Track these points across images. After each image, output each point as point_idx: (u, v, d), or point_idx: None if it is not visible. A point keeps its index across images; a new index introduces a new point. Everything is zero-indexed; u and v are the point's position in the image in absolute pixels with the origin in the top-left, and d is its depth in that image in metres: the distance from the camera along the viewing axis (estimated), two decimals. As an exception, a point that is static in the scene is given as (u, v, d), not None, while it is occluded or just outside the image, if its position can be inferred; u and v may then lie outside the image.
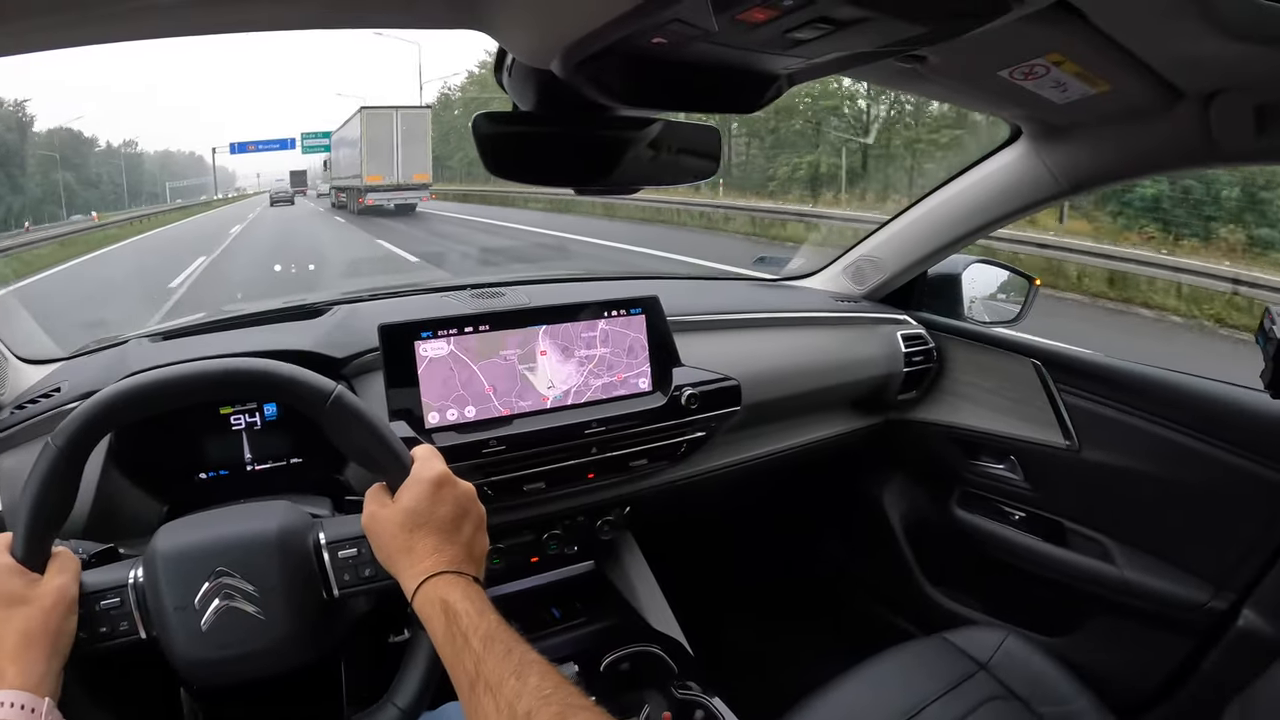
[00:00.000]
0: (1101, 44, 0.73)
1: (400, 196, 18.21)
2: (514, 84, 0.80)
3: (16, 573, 0.58)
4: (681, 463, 1.10)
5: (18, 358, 0.99)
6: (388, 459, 0.65)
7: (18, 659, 0.55)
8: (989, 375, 1.29)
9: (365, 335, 0.99)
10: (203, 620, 0.61)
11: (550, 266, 8.87)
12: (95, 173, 36.62)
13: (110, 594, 0.62)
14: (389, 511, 0.62)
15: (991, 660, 1.09)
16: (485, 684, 0.49)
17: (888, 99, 14.58)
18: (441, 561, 0.58)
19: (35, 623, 0.57)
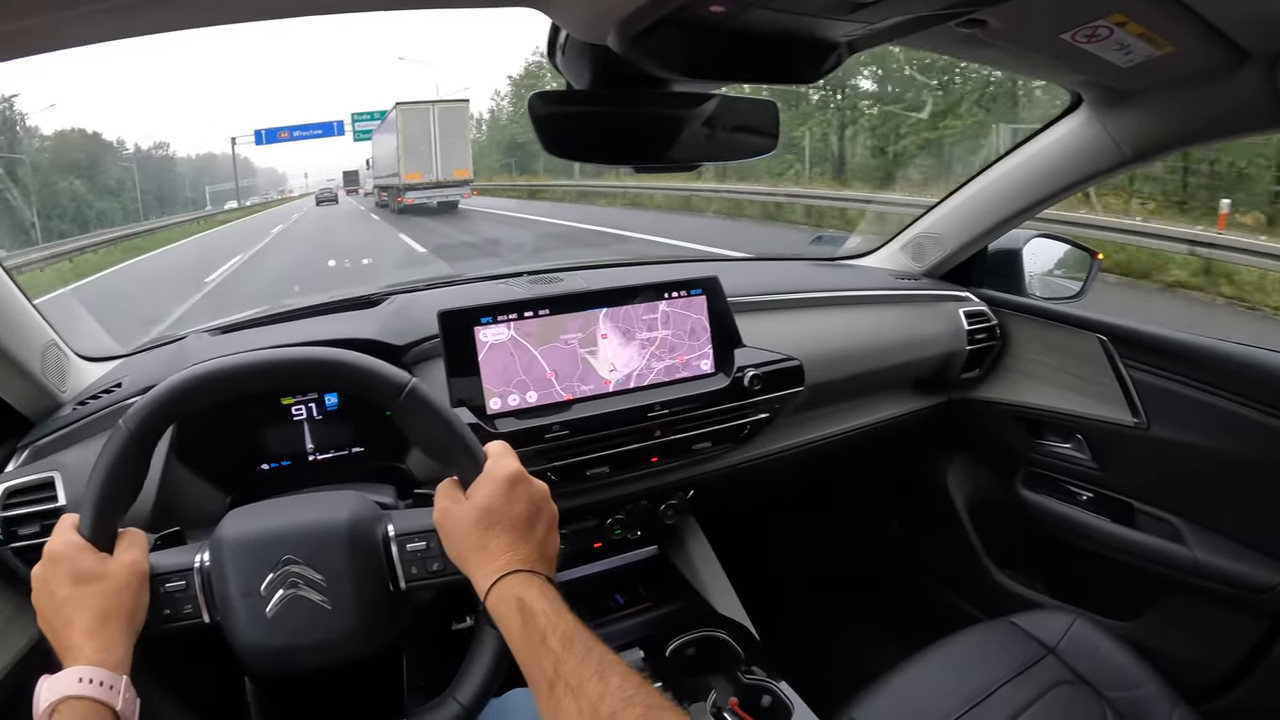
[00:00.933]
0: (1165, 2, 0.73)
1: (441, 194, 18.18)
2: (568, 62, 0.82)
3: (87, 550, 0.61)
4: (745, 445, 1.14)
5: (78, 355, 1.04)
6: (461, 454, 0.66)
7: (94, 635, 0.57)
8: (1053, 352, 1.30)
9: (424, 323, 1.02)
10: (268, 607, 0.63)
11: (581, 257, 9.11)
12: (114, 179, 35.52)
13: (175, 577, 0.64)
14: (463, 508, 0.63)
15: (1060, 644, 1.11)
16: (565, 685, 0.50)
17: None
18: (516, 560, 0.60)
19: (110, 599, 0.59)
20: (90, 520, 0.62)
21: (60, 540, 0.61)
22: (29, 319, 0.89)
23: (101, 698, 0.54)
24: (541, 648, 0.53)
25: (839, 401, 1.27)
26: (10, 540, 0.84)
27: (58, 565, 0.60)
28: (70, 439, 0.92)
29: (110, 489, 0.62)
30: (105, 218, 29.04)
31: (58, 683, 0.54)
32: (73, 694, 0.53)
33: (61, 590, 0.59)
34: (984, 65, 1.26)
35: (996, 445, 1.41)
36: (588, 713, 0.48)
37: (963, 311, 1.33)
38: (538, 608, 0.55)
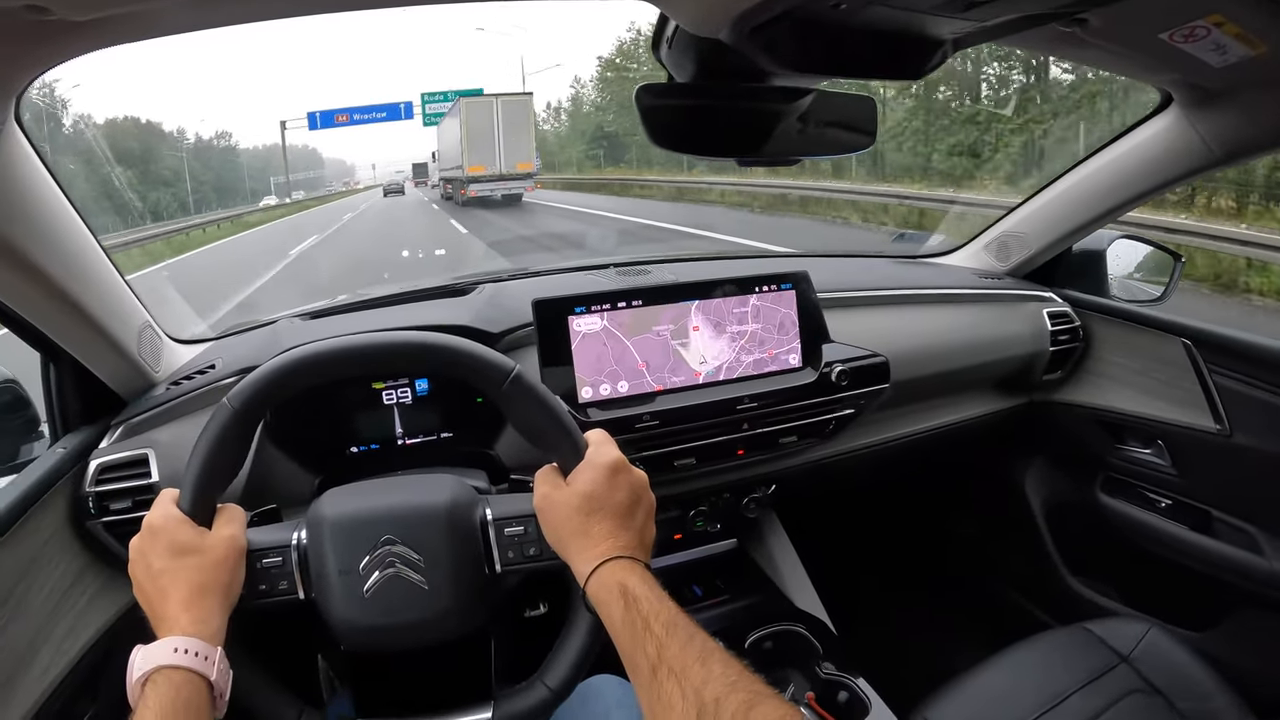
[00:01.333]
0: (1263, 3, 0.74)
1: (504, 187, 18.81)
2: (673, 56, 0.84)
3: (186, 523, 0.62)
4: (829, 440, 1.16)
5: (170, 338, 1.08)
6: (563, 441, 0.67)
7: (191, 607, 0.59)
8: (1136, 355, 1.31)
9: (517, 311, 1.05)
10: (366, 586, 0.65)
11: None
12: (170, 170, 35.09)
13: (272, 553, 0.66)
14: (564, 494, 0.64)
15: (1133, 653, 1.12)
16: (669, 669, 0.51)
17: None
18: (617, 546, 0.61)
19: (207, 573, 0.61)
20: (190, 495, 0.64)
21: (160, 513, 0.63)
22: (127, 300, 0.93)
23: (196, 668, 0.55)
24: (645, 633, 0.54)
25: (921, 400, 1.29)
26: (102, 515, 0.88)
27: (157, 537, 0.62)
28: (164, 417, 0.96)
29: (212, 465, 0.64)
30: (151, 211, 28.54)
31: (152, 652, 0.56)
32: (167, 663, 0.55)
33: (159, 562, 0.61)
34: (1077, 63, 1.26)
35: (1076, 449, 1.43)
36: (691, 697, 0.48)
37: (1046, 312, 1.34)
38: (640, 593, 0.56)
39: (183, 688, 0.54)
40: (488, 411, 1.02)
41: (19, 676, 0.74)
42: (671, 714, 0.49)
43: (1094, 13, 0.82)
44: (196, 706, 0.54)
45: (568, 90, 50.07)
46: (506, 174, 18.71)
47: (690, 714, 0.48)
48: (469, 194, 18.62)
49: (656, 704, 0.51)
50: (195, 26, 0.67)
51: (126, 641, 0.89)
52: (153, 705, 0.52)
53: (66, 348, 0.87)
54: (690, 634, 0.53)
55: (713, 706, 0.47)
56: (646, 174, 19.89)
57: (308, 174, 50.70)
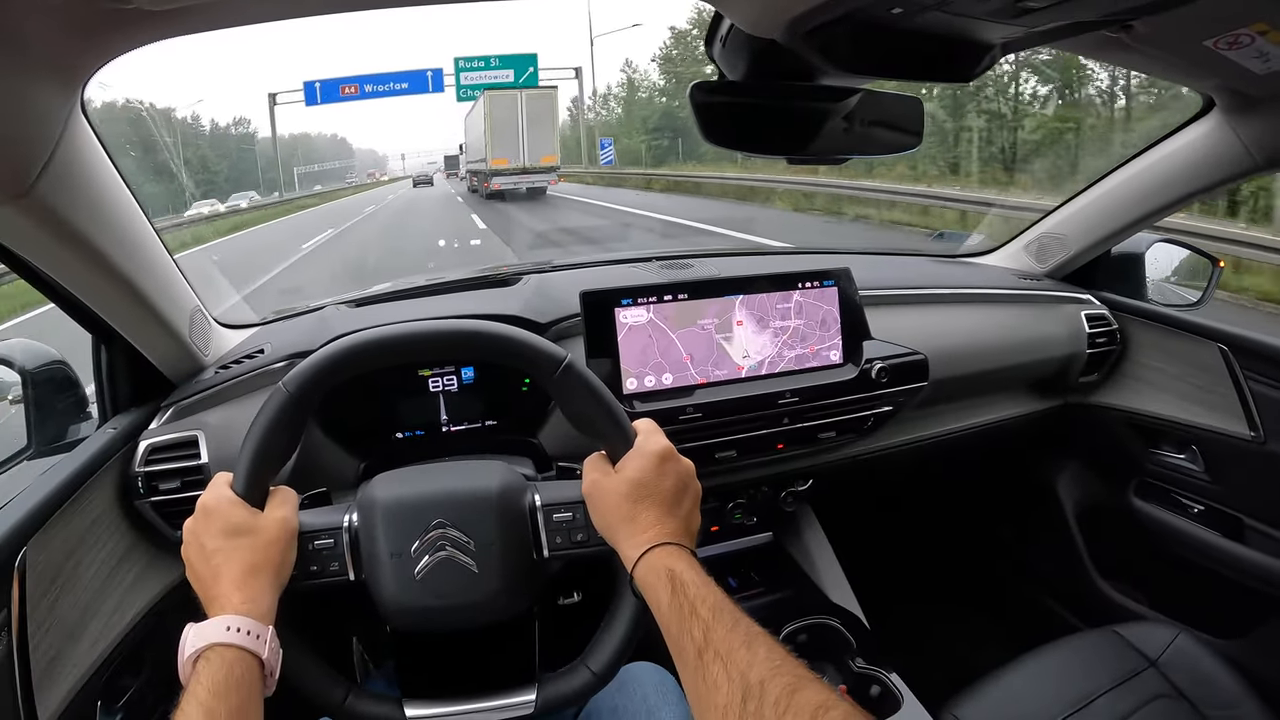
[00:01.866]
0: None
1: (528, 180, 19.00)
2: (726, 54, 0.86)
3: (239, 505, 0.64)
4: (867, 437, 1.18)
5: (218, 322, 1.11)
6: (612, 429, 0.69)
7: (243, 586, 0.60)
8: (1172, 360, 1.32)
9: (563, 302, 1.07)
10: (417, 568, 0.67)
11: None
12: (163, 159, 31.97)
13: (324, 535, 0.68)
14: (613, 481, 0.66)
15: (1161, 658, 1.13)
16: (715, 652, 0.52)
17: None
18: (664, 533, 0.62)
19: (259, 553, 0.62)
20: (244, 477, 0.65)
21: (214, 494, 0.65)
22: (179, 285, 0.95)
23: (248, 646, 0.57)
24: (691, 617, 0.55)
25: (958, 399, 1.30)
26: (150, 494, 0.90)
27: (210, 518, 0.63)
28: (213, 400, 0.98)
29: (266, 448, 0.66)
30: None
31: (204, 630, 0.57)
32: (220, 641, 0.56)
33: (212, 542, 0.62)
34: (1119, 67, 1.25)
35: (1110, 452, 1.44)
36: (737, 680, 0.49)
37: (1084, 314, 1.35)
38: (687, 579, 0.58)
39: (235, 665, 0.55)
40: (532, 400, 1.04)
41: (68, 650, 0.76)
42: (717, 695, 0.50)
43: (1140, 19, 0.84)
44: (248, 684, 0.55)
45: (616, 75, 48.07)
46: (530, 168, 18.89)
47: (735, 696, 0.49)
48: (493, 187, 18.82)
49: (702, 686, 0.52)
50: (265, 18, 0.68)
51: (171, 618, 0.93)
52: (205, 682, 0.53)
53: (120, 330, 0.89)
54: (736, 619, 0.54)
55: (758, 689, 0.48)
56: (702, 170, 18.42)
57: (333, 164, 49.32)
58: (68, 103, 0.63)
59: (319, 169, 47.23)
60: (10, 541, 0.70)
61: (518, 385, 1.04)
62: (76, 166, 0.68)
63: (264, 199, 27.98)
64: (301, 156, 50.17)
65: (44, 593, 0.73)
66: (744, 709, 0.48)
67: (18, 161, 0.60)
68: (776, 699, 0.47)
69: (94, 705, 0.80)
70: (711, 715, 0.50)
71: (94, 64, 0.62)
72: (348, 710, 0.69)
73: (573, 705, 0.77)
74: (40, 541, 0.73)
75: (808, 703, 0.46)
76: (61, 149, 0.64)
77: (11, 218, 0.65)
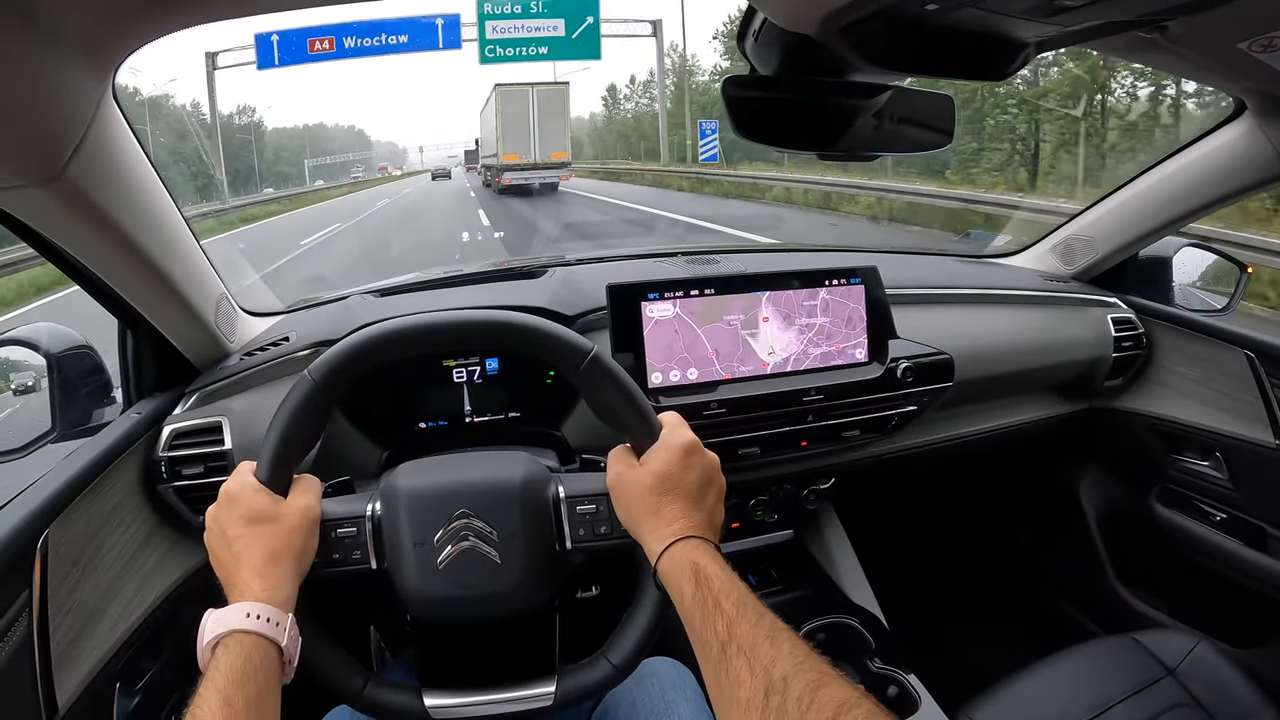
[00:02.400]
0: None
1: (539, 176, 19.02)
2: (758, 49, 0.86)
3: (262, 492, 0.64)
4: (890, 436, 1.18)
5: (243, 310, 1.12)
6: (638, 422, 0.69)
7: (264, 574, 0.60)
8: (1198, 365, 1.32)
9: (590, 295, 1.07)
10: (439, 558, 0.67)
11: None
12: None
13: (347, 523, 0.68)
14: (638, 473, 0.66)
15: (1180, 666, 1.12)
16: (738, 647, 0.52)
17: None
18: (689, 526, 0.62)
19: (281, 540, 0.62)
20: (268, 465, 0.65)
21: (237, 481, 0.65)
22: (206, 272, 0.96)
23: (267, 633, 0.57)
24: (715, 611, 0.55)
25: (982, 400, 1.30)
26: (173, 479, 0.91)
27: (233, 505, 0.63)
28: (238, 387, 0.99)
29: (290, 436, 0.66)
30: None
31: (224, 617, 0.57)
32: (239, 628, 0.56)
33: (234, 529, 0.62)
34: (1151, 68, 1.24)
35: (1133, 457, 1.44)
36: (760, 675, 0.49)
37: (1110, 318, 1.35)
38: (711, 572, 0.58)
39: (253, 652, 0.55)
40: (556, 392, 1.04)
41: (88, 632, 0.76)
42: (739, 690, 0.50)
43: (1174, 20, 0.83)
44: (266, 670, 0.56)
45: (646, 65, 46.02)
46: (541, 163, 18.83)
47: (758, 691, 0.48)
48: (504, 182, 18.86)
49: (725, 680, 0.51)
50: (297, 5, 0.68)
51: (191, 603, 0.93)
52: (223, 668, 0.53)
53: (147, 316, 0.90)
54: (760, 614, 0.54)
55: (781, 684, 0.48)
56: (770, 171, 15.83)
57: (345, 156, 48.51)
58: (99, 87, 0.63)
59: (331, 161, 46.18)
60: (33, 523, 0.70)
61: (542, 377, 1.04)
62: (107, 151, 0.69)
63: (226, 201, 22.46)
64: (315, 149, 48.94)
65: (66, 575, 0.73)
66: (767, 704, 0.47)
67: (49, 145, 0.61)
68: (800, 695, 0.46)
69: (112, 687, 0.81)
70: (734, 710, 0.50)
71: (126, 48, 0.62)
72: (366, 698, 0.69)
73: (592, 698, 0.77)
74: (63, 524, 0.74)
75: (831, 700, 0.46)
76: (93, 133, 0.64)
77: (42, 200, 0.65)
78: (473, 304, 1.07)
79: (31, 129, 0.58)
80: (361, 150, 53.23)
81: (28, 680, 0.67)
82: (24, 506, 0.72)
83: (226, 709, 0.50)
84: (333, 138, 57.59)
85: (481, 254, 9.53)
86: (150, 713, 0.89)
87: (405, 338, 0.69)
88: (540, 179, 19.01)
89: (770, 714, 0.47)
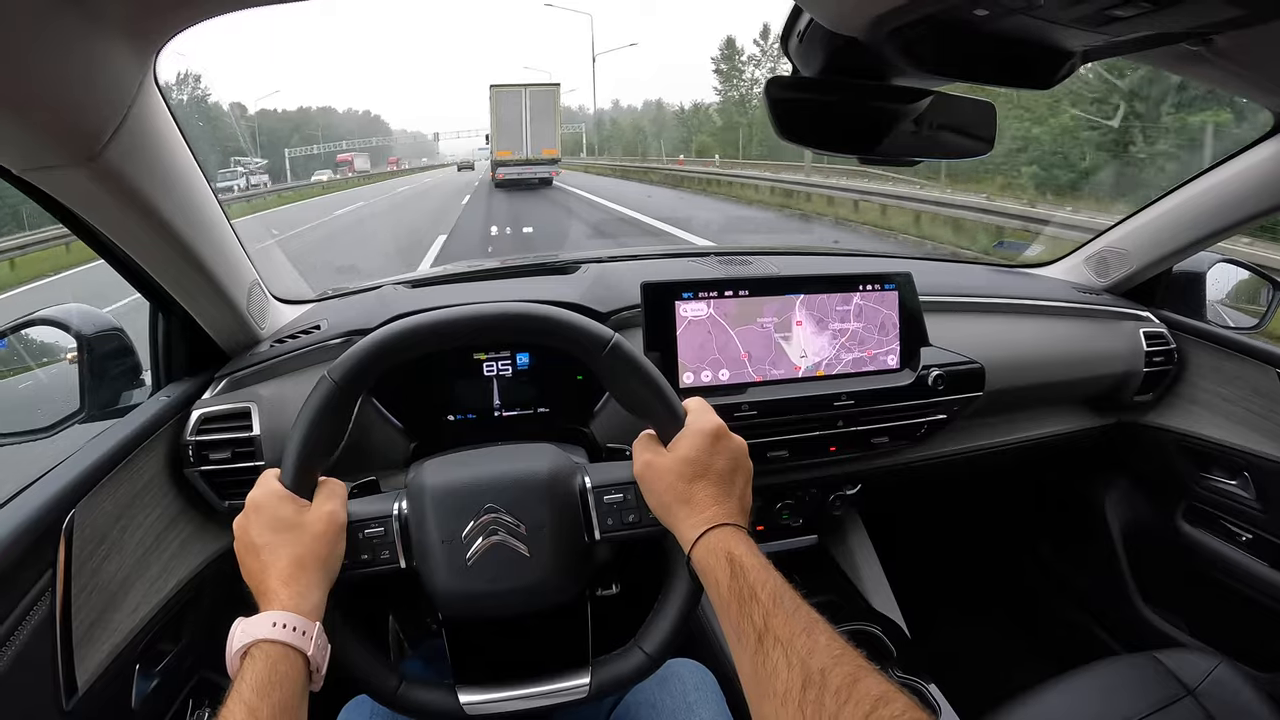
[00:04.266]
0: None
1: (530, 171, 21.69)
2: (803, 50, 0.86)
3: (287, 499, 0.64)
4: (919, 444, 1.19)
5: (274, 297, 1.13)
6: (662, 409, 0.69)
7: (290, 582, 0.61)
8: (1229, 383, 1.33)
9: (624, 292, 1.08)
10: (468, 554, 0.67)
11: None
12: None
13: (374, 523, 0.68)
14: (666, 460, 0.66)
15: (1200, 687, 1.12)
16: (775, 638, 0.52)
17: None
18: (722, 513, 0.62)
19: (306, 548, 0.63)
20: (291, 469, 0.65)
21: (262, 491, 0.65)
22: (240, 258, 0.97)
23: (293, 642, 0.57)
24: (751, 601, 0.55)
25: (1011, 410, 1.32)
26: (200, 463, 0.92)
27: (259, 514, 0.64)
28: (268, 373, 1.00)
29: (313, 440, 0.66)
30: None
31: (252, 626, 0.58)
32: (265, 637, 0.56)
33: (260, 537, 0.63)
34: (1192, 80, 1.24)
35: (1161, 474, 1.44)
36: (798, 667, 0.49)
37: (1142, 332, 1.35)
38: (747, 562, 0.58)
39: (279, 662, 0.56)
40: (586, 389, 1.05)
41: (109, 613, 0.78)
42: (776, 682, 0.50)
43: (1223, 35, 0.84)
44: (292, 680, 0.56)
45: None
46: (532, 159, 21.37)
47: (795, 683, 0.49)
48: (498, 177, 21.50)
49: (761, 671, 0.52)
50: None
51: (213, 588, 0.94)
52: (249, 678, 0.54)
53: (180, 300, 0.91)
54: (796, 605, 0.54)
55: (818, 676, 0.48)
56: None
57: (377, 143, 47.17)
58: (141, 69, 0.64)
59: (320, 150, 44.74)
60: (59, 504, 0.72)
61: (573, 374, 1.05)
62: (146, 134, 0.70)
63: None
64: (303, 136, 47.22)
65: (90, 555, 0.75)
66: (804, 696, 0.48)
67: (89, 125, 0.62)
68: (838, 688, 0.47)
69: (132, 668, 0.82)
70: (769, 701, 0.50)
71: (169, 31, 0.62)
72: (401, 699, 0.69)
73: (627, 688, 0.77)
74: (89, 504, 0.75)
75: (868, 693, 0.46)
76: (133, 115, 0.65)
77: (80, 180, 0.66)
78: (506, 298, 1.07)
79: (71, 108, 0.59)
80: (380, 135, 51.80)
81: (48, 659, 0.68)
82: (50, 487, 0.73)
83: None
84: (345, 122, 56.06)
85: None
86: (169, 695, 0.90)
87: (422, 335, 0.70)
88: (533, 173, 21.42)
89: (807, 706, 0.47)
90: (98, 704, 0.74)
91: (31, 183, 0.67)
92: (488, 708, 0.71)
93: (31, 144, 0.61)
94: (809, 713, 0.47)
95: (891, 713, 0.44)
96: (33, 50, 0.51)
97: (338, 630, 0.64)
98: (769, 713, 0.50)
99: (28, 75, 0.52)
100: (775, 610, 0.54)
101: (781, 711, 0.49)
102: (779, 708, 0.49)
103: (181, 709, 0.93)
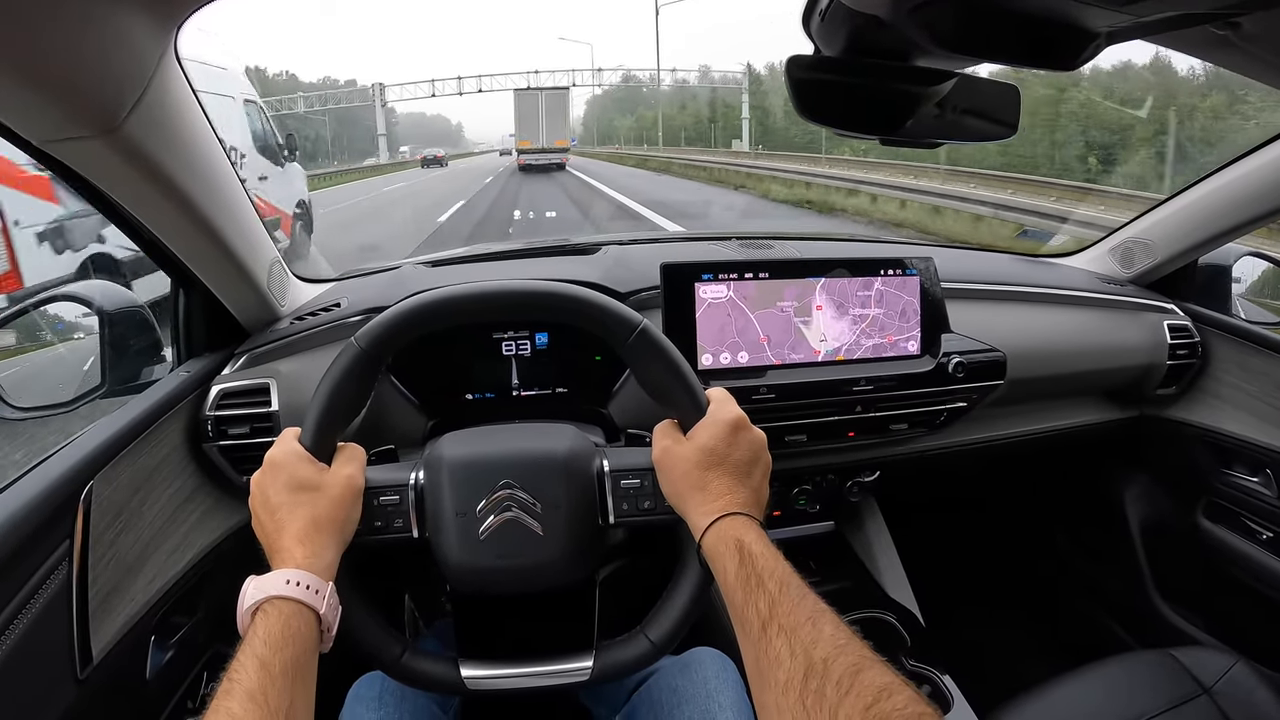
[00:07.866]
0: None
1: (545, 158, 30.19)
2: (824, 28, 0.87)
3: (306, 460, 0.67)
4: (938, 432, 1.21)
5: (295, 275, 1.16)
6: (685, 397, 0.71)
7: (306, 541, 0.63)
8: (1253, 378, 1.34)
9: (644, 274, 1.10)
10: (481, 528, 0.69)
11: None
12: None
13: (390, 491, 0.70)
14: (685, 449, 0.68)
15: (1216, 686, 1.14)
16: (779, 627, 0.52)
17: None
18: (735, 503, 0.64)
19: (323, 509, 0.65)
20: (312, 432, 0.68)
21: (281, 449, 0.68)
22: (261, 235, 1.00)
23: (306, 600, 0.59)
24: (758, 589, 0.56)
25: (1032, 400, 1.34)
26: (219, 438, 0.94)
27: (277, 472, 0.66)
28: (287, 350, 1.03)
29: (335, 403, 0.68)
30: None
31: (265, 583, 0.59)
32: (278, 594, 0.58)
33: (277, 496, 0.65)
34: (1219, 67, 1.24)
35: (1181, 469, 1.46)
36: (800, 656, 0.50)
37: (1166, 324, 1.37)
38: (756, 550, 0.59)
39: (292, 619, 0.57)
40: (604, 370, 1.07)
41: (125, 584, 0.80)
42: (779, 670, 0.50)
43: (1251, 18, 0.85)
44: (304, 637, 0.57)
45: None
46: (547, 148, 30.13)
47: (798, 672, 0.49)
48: (520, 161, 30.14)
49: (764, 659, 0.52)
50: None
51: (229, 562, 0.97)
52: (261, 634, 0.55)
53: (202, 277, 0.94)
54: (802, 594, 0.55)
55: (821, 666, 0.48)
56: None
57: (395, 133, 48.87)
58: (162, 42, 0.66)
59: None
60: (78, 475, 0.74)
61: (591, 354, 1.07)
62: (167, 108, 0.72)
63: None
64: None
65: (107, 526, 0.77)
66: (805, 686, 0.48)
67: (110, 96, 0.64)
68: (839, 679, 0.47)
69: (148, 639, 0.85)
70: (771, 691, 0.51)
71: (187, 7, 0.64)
72: (403, 667, 0.72)
73: (628, 675, 0.79)
74: (107, 476, 0.77)
75: (871, 684, 0.46)
76: (153, 89, 0.67)
77: (101, 151, 0.68)
78: (526, 277, 1.09)
79: (92, 79, 0.60)
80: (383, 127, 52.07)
81: (64, 629, 0.70)
82: (69, 458, 0.75)
83: (263, 674, 0.52)
84: (433, 126, 57.41)
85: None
86: (183, 667, 0.93)
87: (451, 306, 0.72)
88: (547, 160, 29.45)
89: (809, 696, 0.48)
90: (112, 673, 0.76)
91: (53, 155, 0.68)
92: (488, 683, 0.74)
93: (53, 115, 0.63)
94: (810, 703, 0.47)
95: (894, 705, 0.45)
96: (53, 21, 0.53)
97: (346, 595, 0.65)
98: (770, 702, 0.51)
99: (48, 46, 0.54)
100: (781, 598, 0.55)
101: (783, 701, 0.49)
102: (780, 697, 0.49)
103: (195, 681, 0.96)
